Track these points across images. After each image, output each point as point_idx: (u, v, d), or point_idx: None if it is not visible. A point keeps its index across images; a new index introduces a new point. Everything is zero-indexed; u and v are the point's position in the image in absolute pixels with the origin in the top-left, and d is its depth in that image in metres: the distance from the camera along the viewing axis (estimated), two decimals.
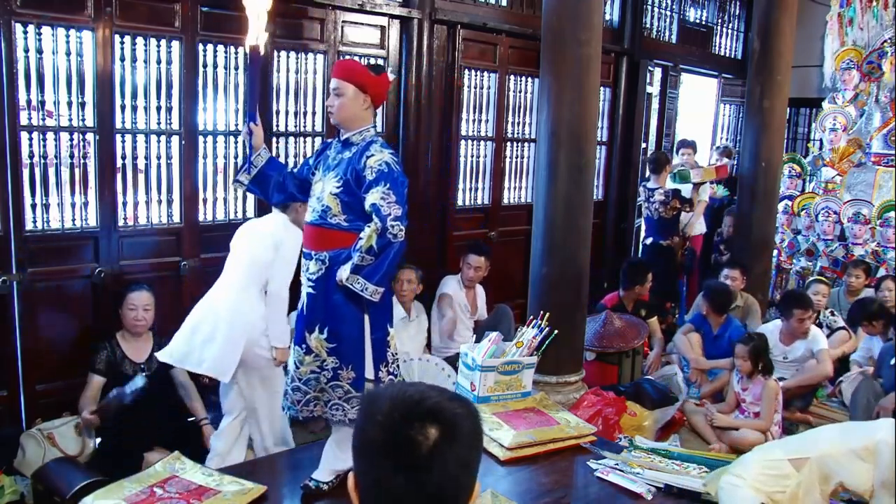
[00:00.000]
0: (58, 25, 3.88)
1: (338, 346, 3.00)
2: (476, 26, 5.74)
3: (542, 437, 3.57)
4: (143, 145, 4.30)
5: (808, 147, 8.55)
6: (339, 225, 2.98)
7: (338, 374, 3.02)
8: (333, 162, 3.08)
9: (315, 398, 3.08)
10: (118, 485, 2.97)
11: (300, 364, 3.05)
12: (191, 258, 4.50)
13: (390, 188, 2.88)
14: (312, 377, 3.05)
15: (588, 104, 4.51)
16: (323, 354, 3.01)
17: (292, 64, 4.86)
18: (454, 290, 5.34)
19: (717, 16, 8.61)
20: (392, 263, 2.90)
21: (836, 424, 3.47)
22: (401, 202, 2.89)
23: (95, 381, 3.85)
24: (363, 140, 3.04)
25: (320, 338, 3.00)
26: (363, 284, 2.85)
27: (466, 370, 4.01)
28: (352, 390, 3.02)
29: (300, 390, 3.07)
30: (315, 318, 3.02)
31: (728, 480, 2.92)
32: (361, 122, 3.07)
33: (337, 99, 3.05)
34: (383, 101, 3.23)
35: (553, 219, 4.50)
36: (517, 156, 6.43)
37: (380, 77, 3.10)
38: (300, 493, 3.10)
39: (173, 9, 4.27)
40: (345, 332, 3.00)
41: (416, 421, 1.17)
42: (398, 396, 1.21)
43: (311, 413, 3.11)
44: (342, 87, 3.03)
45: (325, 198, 3.02)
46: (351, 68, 3.10)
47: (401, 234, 2.86)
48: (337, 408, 3.06)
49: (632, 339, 5.20)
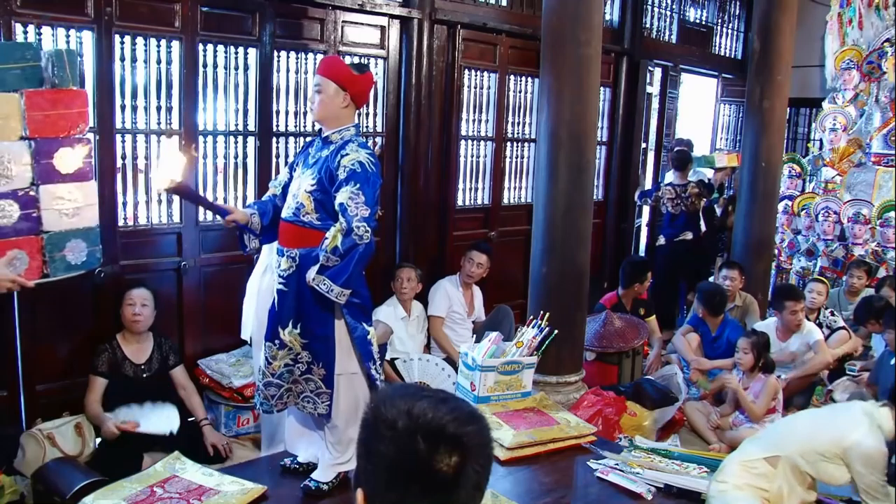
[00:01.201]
0: (58, 25, 3.88)
1: (310, 343, 3.04)
2: (476, 26, 5.74)
3: (542, 437, 3.57)
4: (144, 145, 4.29)
5: (808, 147, 8.55)
6: (312, 223, 3.00)
7: (311, 368, 3.06)
8: (312, 160, 3.10)
9: (288, 390, 3.12)
10: (118, 485, 2.98)
11: (272, 359, 3.08)
12: (191, 258, 4.50)
13: (360, 188, 2.88)
14: (286, 370, 3.08)
15: (588, 104, 4.50)
16: (297, 348, 3.05)
17: (292, 64, 4.86)
18: (450, 290, 5.35)
19: (717, 16, 8.61)
20: (358, 265, 2.89)
21: (810, 414, 3.43)
22: (369, 203, 2.89)
23: (98, 383, 3.85)
24: (341, 139, 3.04)
25: (294, 332, 3.03)
26: (329, 286, 2.86)
27: (466, 370, 4.01)
28: (322, 386, 3.06)
29: (273, 384, 3.10)
30: (286, 314, 3.04)
31: (715, 489, 2.94)
32: (341, 120, 3.07)
33: (317, 96, 3.06)
34: (366, 101, 3.22)
35: (553, 219, 4.50)
36: (517, 156, 6.42)
37: (363, 76, 3.10)
38: (300, 494, 3.10)
39: (173, 9, 4.27)
40: (316, 330, 3.03)
41: (440, 448, 1.19)
42: (416, 414, 1.21)
43: (284, 405, 3.16)
44: (323, 84, 3.04)
45: (299, 195, 3.04)
46: (332, 65, 3.10)
47: (367, 236, 2.85)
48: (308, 400, 3.10)
49: (632, 339, 5.20)
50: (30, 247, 2.96)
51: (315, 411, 3.10)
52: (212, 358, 4.54)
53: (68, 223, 3.10)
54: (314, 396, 3.09)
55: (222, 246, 4.62)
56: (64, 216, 3.08)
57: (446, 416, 1.21)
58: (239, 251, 4.13)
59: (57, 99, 3.04)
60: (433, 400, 1.23)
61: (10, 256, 2.85)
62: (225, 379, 4.36)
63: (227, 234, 4.60)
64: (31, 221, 2.98)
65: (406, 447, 1.19)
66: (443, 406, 1.23)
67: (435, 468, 1.18)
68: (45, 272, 3.05)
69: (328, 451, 3.15)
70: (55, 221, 3.05)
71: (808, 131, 9.20)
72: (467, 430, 1.21)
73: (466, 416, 1.23)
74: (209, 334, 4.62)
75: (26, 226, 2.95)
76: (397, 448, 1.20)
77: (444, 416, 1.21)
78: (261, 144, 4.75)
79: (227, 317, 4.30)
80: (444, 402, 1.24)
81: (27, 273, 2.91)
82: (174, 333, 4.40)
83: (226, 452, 3.97)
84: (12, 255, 2.86)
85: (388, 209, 5.39)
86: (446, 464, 1.18)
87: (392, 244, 5.56)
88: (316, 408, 3.09)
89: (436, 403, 1.23)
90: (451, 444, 1.19)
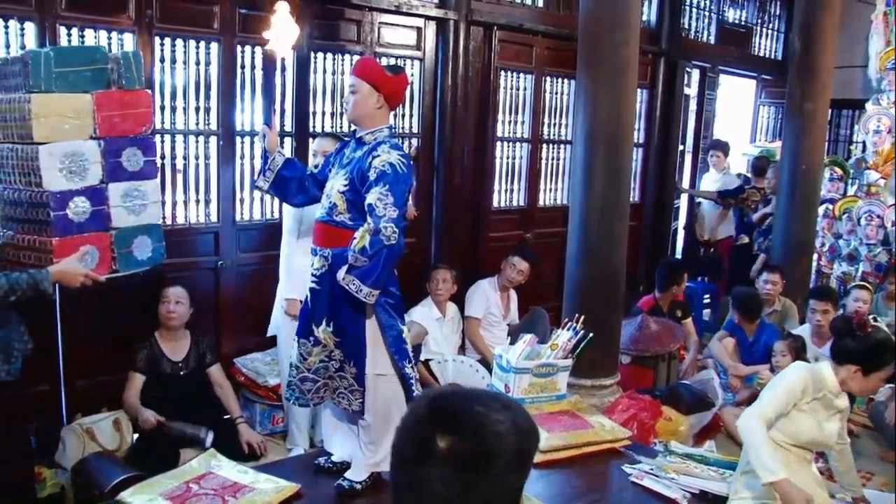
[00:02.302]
0: (100, 28, 3.95)
1: (342, 341, 3.06)
2: (512, 27, 5.73)
3: (577, 441, 3.55)
4: (182, 145, 4.35)
5: (850, 149, 8.38)
6: (344, 223, 3.01)
7: (343, 366, 3.09)
8: (346, 160, 3.11)
9: (325, 384, 3.15)
10: (155, 480, 3.03)
11: (307, 356, 3.12)
12: (228, 258, 4.55)
13: (389, 189, 2.89)
14: (321, 366, 3.12)
15: (625, 106, 4.47)
16: (331, 346, 3.08)
17: (329, 65, 4.89)
18: (489, 292, 5.34)
19: (756, 16, 8.50)
20: (387, 265, 2.89)
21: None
22: (398, 204, 2.89)
23: (137, 379, 3.90)
24: (374, 140, 3.05)
25: (328, 330, 3.06)
26: (358, 286, 2.86)
27: (501, 372, 4.00)
28: (354, 384, 3.08)
29: (309, 380, 3.14)
30: (319, 312, 3.07)
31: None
32: (375, 121, 3.07)
33: (351, 97, 3.07)
34: (400, 103, 3.23)
35: (589, 221, 4.47)
36: (553, 157, 6.40)
37: (396, 77, 3.10)
38: (334, 493, 3.12)
39: (212, 11, 4.32)
40: (347, 329, 3.04)
41: None
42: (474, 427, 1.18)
43: (321, 399, 3.20)
44: (357, 84, 3.05)
45: (333, 195, 3.06)
46: (366, 66, 3.11)
47: (394, 237, 2.85)
48: (343, 396, 3.14)
49: (668, 343, 5.14)
50: (100, 243, 3.05)
51: (350, 407, 3.13)
52: (247, 357, 4.58)
53: (135, 220, 3.19)
54: (348, 393, 3.11)
55: (259, 245, 4.67)
56: (131, 213, 3.18)
57: (488, 420, 1.18)
58: (275, 251, 4.21)
59: (124, 100, 3.14)
60: (481, 406, 1.19)
61: (82, 252, 2.93)
62: (260, 378, 4.40)
63: (264, 233, 4.65)
64: (102, 218, 3.07)
65: (435, 448, 1.16)
66: (494, 413, 1.19)
67: (467, 470, 1.16)
68: (114, 268, 3.13)
69: (361, 450, 3.16)
70: (123, 218, 3.14)
71: (850, 133, 9.03)
72: (508, 436, 1.18)
73: (510, 421, 1.20)
74: (245, 333, 4.66)
75: (97, 222, 3.04)
76: (425, 447, 1.17)
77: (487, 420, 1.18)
78: (297, 145, 4.79)
79: (262, 316, 4.33)
80: (499, 410, 1.20)
81: (97, 268, 3.00)
82: (211, 332, 4.44)
83: (261, 450, 3.99)
84: (84, 251, 2.95)
85: (424, 210, 5.40)
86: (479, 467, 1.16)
87: (427, 245, 5.56)
88: (350, 404, 3.12)
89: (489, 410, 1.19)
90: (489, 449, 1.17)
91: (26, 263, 2.97)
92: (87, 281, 2.91)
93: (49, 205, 2.90)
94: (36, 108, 2.86)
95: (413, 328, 4.40)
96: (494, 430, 1.17)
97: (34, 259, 2.97)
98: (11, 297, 2.66)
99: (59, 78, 2.93)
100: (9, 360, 2.76)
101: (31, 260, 2.97)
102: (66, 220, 2.94)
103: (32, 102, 2.86)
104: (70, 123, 2.97)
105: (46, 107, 2.89)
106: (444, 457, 1.15)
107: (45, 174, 2.89)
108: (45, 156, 2.88)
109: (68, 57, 3.01)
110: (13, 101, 2.94)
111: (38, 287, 2.72)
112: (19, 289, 2.67)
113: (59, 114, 2.93)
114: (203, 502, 2.87)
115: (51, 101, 2.91)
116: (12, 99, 2.95)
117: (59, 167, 2.93)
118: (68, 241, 2.94)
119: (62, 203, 2.93)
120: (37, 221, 2.96)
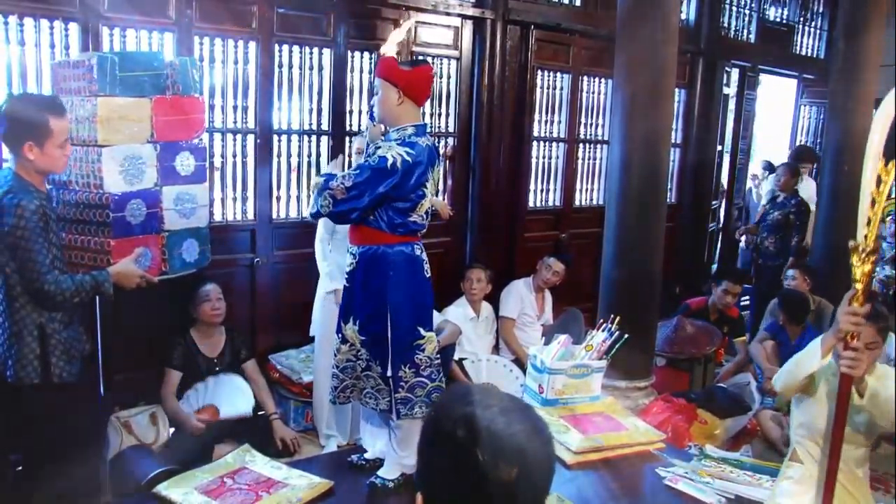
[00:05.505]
0: (141, 28, 4.01)
1: (367, 340, 3.08)
2: (549, 27, 5.70)
3: (610, 442, 3.51)
4: (220, 144, 4.40)
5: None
6: (368, 221, 3.01)
7: (370, 365, 3.11)
8: None
9: (352, 385, 3.18)
10: (190, 474, 3.06)
11: (337, 352, 3.16)
12: (264, 255, 4.59)
13: (362, 170, 2.93)
14: (349, 365, 3.14)
15: (663, 106, 4.42)
16: (357, 345, 3.10)
17: (366, 64, 4.91)
18: (524, 292, 5.33)
19: (798, 14, 8.36)
20: (316, 201, 2.98)
21: None
22: (364, 188, 2.90)
23: (173, 376, 3.94)
24: (398, 138, 3.03)
25: (354, 328, 3.08)
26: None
27: (535, 372, 3.98)
28: (381, 383, 3.10)
29: (337, 377, 3.17)
30: (349, 310, 3.10)
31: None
32: (399, 119, 3.04)
33: (375, 97, 3.09)
34: (424, 96, 3.14)
35: (625, 222, 4.43)
36: (590, 157, 6.36)
37: (413, 70, 3.02)
38: (366, 490, 3.13)
39: (250, 10, 4.36)
40: (370, 328, 3.06)
41: (500, 461, 1.16)
42: (476, 426, 1.18)
43: (346, 399, 3.22)
44: (378, 84, 3.07)
45: None
46: (381, 64, 3.09)
47: (328, 202, 2.93)
48: (370, 396, 3.16)
49: (704, 346, 5.08)
50: (153, 244, 3.12)
51: (377, 407, 3.15)
52: (282, 353, 4.61)
53: (185, 223, 3.27)
54: (375, 392, 3.13)
55: (294, 243, 4.70)
56: (182, 216, 3.25)
57: (508, 428, 1.18)
58: (310, 249, 4.24)
59: (179, 105, 3.21)
60: (495, 410, 1.20)
61: (137, 253, 2.99)
62: (295, 374, 4.43)
63: (299, 231, 4.68)
64: (155, 220, 3.14)
65: (464, 458, 1.16)
66: (505, 417, 1.19)
67: (493, 481, 1.15)
68: (164, 269, 3.20)
69: (393, 448, 3.17)
70: (174, 221, 3.22)
71: (894, 133, 8.83)
72: (529, 444, 1.18)
73: (530, 429, 1.20)
74: (280, 330, 4.70)
75: (151, 224, 3.12)
76: (455, 458, 1.17)
77: (506, 429, 1.18)
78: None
79: (297, 313, 4.36)
80: (507, 413, 1.20)
81: (149, 270, 3.06)
82: (247, 328, 4.49)
83: (294, 447, 4.02)
84: (139, 252, 3.01)
85: (460, 209, 5.39)
86: (505, 477, 1.15)
87: (462, 244, 5.56)
88: (378, 404, 3.14)
89: (497, 414, 1.19)
90: (511, 458, 1.16)
91: (79, 264, 3.03)
92: (142, 282, 2.97)
93: (109, 206, 2.96)
94: (101, 111, 2.94)
95: (447, 327, 4.40)
96: (531, 448, 1.18)
97: (88, 259, 3.04)
98: (76, 299, 2.71)
99: (122, 82, 3.00)
100: (71, 360, 2.80)
101: (86, 260, 3.04)
102: (124, 222, 3.01)
103: (98, 105, 2.93)
104: (130, 127, 3.04)
105: (111, 110, 2.96)
106: (494, 484, 1.15)
107: (106, 176, 2.95)
108: (107, 158, 2.95)
109: (130, 62, 3.08)
110: (74, 104, 3.01)
111: (100, 288, 2.78)
112: (83, 290, 2.72)
113: (122, 117, 3.00)
114: (237, 497, 2.90)
115: (115, 105, 2.98)
116: (73, 101, 3.02)
117: (119, 170, 2.99)
118: (125, 243, 3.01)
119: (121, 205, 2.99)
120: (93, 223, 3.02)
